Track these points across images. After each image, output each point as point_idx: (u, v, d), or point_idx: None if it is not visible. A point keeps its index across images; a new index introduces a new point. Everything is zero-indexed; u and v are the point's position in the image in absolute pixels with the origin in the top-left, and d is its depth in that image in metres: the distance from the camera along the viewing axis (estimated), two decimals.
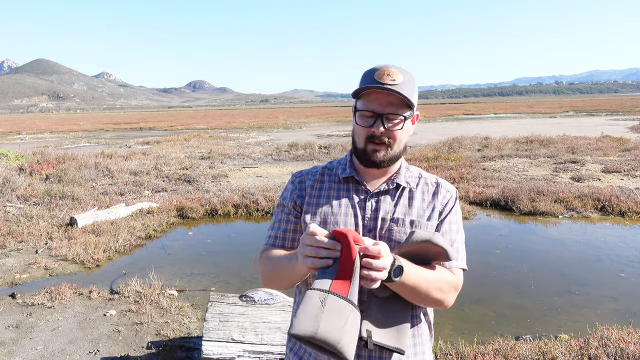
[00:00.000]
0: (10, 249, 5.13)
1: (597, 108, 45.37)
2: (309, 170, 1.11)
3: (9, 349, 2.96)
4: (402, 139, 0.99)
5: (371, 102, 0.94)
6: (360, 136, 0.98)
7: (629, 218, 5.98)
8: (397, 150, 0.99)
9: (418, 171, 1.09)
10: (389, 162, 0.99)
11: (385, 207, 0.99)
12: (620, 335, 2.69)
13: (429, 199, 1.02)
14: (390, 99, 0.93)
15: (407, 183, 1.03)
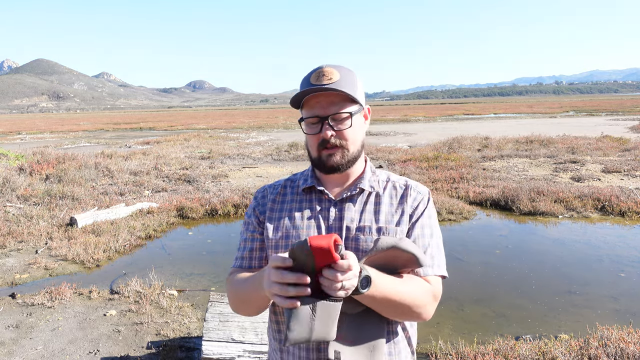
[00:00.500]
0: (10, 249, 5.13)
1: (597, 108, 45.38)
2: (272, 184, 1.06)
3: (9, 349, 2.96)
4: (355, 138, 0.93)
5: (313, 108, 0.91)
6: (312, 145, 0.94)
7: (629, 218, 5.98)
8: (354, 150, 0.94)
9: (386, 174, 1.02)
10: (348, 164, 0.94)
11: (350, 214, 0.93)
12: (620, 335, 2.69)
13: (397, 202, 0.95)
14: (330, 98, 0.89)
15: (372, 187, 0.97)
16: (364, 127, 0.98)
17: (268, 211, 0.99)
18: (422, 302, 0.86)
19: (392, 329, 0.90)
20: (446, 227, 5.98)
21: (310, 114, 0.91)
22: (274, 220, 0.98)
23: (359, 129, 0.94)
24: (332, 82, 0.87)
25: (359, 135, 0.95)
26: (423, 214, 0.95)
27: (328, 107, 0.89)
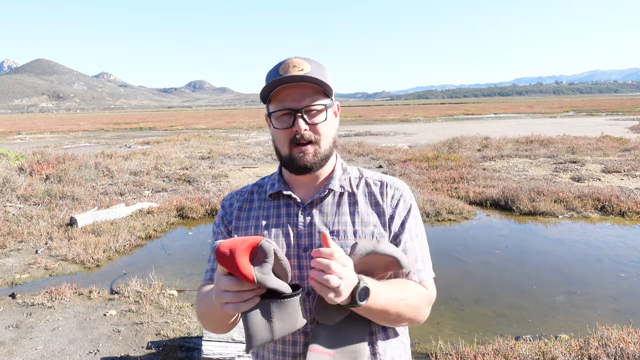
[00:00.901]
0: (10, 249, 5.13)
1: (597, 108, 45.38)
2: (239, 190, 0.98)
3: (9, 348, 2.96)
4: (328, 133, 0.86)
5: (284, 100, 0.83)
6: (282, 141, 0.85)
7: (629, 218, 5.98)
8: (327, 148, 0.86)
9: (358, 171, 0.94)
10: (321, 162, 0.86)
11: (322, 218, 0.86)
12: (620, 335, 2.69)
13: (374, 201, 0.88)
14: (303, 90, 0.82)
15: (342, 187, 0.89)
16: (335, 124, 0.91)
17: (234, 220, 0.92)
18: (418, 309, 0.82)
19: (374, 329, 0.84)
20: (446, 227, 5.98)
21: (281, 107, 0.83)
22: (241, 229, 0.91)
23: (332, 124, 0.88)
24: (304, 72, 0.81)
25: (332, 131, 0.88)
26: (409, 213, 0.88)
27: (301, 99, 0.82)
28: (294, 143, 0.84)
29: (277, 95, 0.84)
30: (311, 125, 0.83)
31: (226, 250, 0.61)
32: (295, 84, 0.82)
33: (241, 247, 0.61)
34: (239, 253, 0.61)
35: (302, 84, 0.82)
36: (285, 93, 0.83)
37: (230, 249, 0.61)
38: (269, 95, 0.85)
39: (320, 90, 0.84)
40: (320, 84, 0.82)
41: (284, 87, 0.83)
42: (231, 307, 0.66)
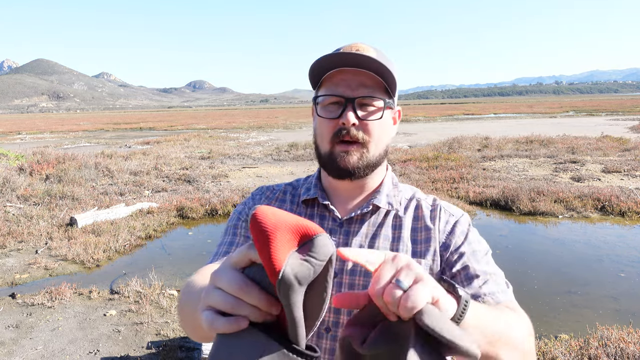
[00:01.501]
0: (10, 249, 5.13)
1: (597, 108, 45.37)
2: (271, 187, 0.85)
3: (9, 348, 2.96)
4: (381, 136, 0.72)
5: (337, 85, 0.70)
6: (325, 134, 0.72)
7: (629, 218, 5.98)
8: (376, 153, 0.72)
9: (412, 190, 0.80)
10: (366, 169, 0.72)
11: (359, 240, 0.72)
12: (620, 336, 2.69)
13: (423, 226, 0.74)
14: (361, 78, 0.69)
15: (390, 204, 0.75)
16: (392, 130, 0.77)
17: None
18: (524, 339, 0.59)
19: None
20: None
21: (332, 92, 0.70)
22: None
23: (386, 126, 0.74)
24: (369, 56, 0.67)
25: (385, 136, 0.74)
26: (466, 239, 0.72)
27: (357, 87, 0.69)
28: (338, 139, 0.70)
29: (330, 78, 0.71)
30: (362, 122, 0.70)
31: (270, 217, 0.37)
32: (352, 69, 0.69)
33: (290, 225, 0.37)
34: (284, 229, 0.37)
35: (361, 71, 0.69)
36: (340, 78, 0.70)
37: (276, 218, 0.37)
38: (320, 78, 0.72)
39: (381, 84, 0.71)
40: (383, 72, 0.68)
41: (340, 70, 0.70)
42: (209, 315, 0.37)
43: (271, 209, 0.39)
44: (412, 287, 0.40)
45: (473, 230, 0.75)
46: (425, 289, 0.40)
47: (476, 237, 0.74)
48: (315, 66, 0.69)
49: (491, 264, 0.71)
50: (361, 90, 0.69)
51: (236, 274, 0.37)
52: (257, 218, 0.38)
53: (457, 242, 0.72)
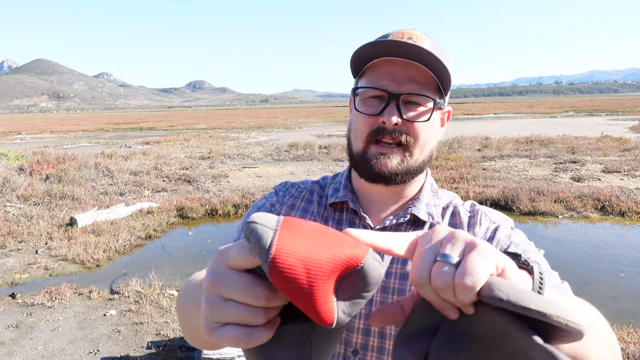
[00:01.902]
0: (10, 249, 5.13)
1: (597, 108, 45.40)
2: (296, 183, 0.76)
3: (9, 348, 2.96)
4: (426, 140, 0.63)
5: (381, 77, 0.60)
6: (360, 130, 0.63)
7: (629, 218, 5.98)
8: (420, 159, 0.63)
9: (449, 197, 0.70)
10: (405, 176, 0.63)
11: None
12: (620, 335, 2.70)
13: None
14: (411, 71, 0.59)
15: (430, 215, 0.66)
16: (439, 133, 0.67)
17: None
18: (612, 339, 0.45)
19: None
20: None
21: (374, 84, 0.61)
22: None
23: (435, 130, 0.65)
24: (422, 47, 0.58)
25: (432, 140, 0.65)
26: (512, 240, 0.63)
27: (404, 82, 0.60)
28: (375, 138, 0.61)
29: (375, 68, 0.61)
30: (406, 122, 0.60)
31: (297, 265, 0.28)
32: (401, 60, 0.59)
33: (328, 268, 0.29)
34: (323, 278, 0.28)
35: (411, 64, 0.59)
36: (386, 69, 0.60)
37: (305, 264, 0.28)
38: (362, 66, 0.63)
39: (433, 81, 0.60)
40: (437, 68, 0.58)
41: (387, 60, 0.60)
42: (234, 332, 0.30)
43: (290, 245, 0.28)
44: (466, 258, 0.29)
45: (518, 231, 0.65)
46: (484, 256, 0.29)
47: (523, 238, 0.64)
48: (358, 53, 0.60)
49: (542, 259, 0.61)
50: (409, 85, 0.60)
51: (247, 279, 0.30)
52: (282, 270, 0.27)
53: (501, 247, 0.62)
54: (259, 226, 0.28)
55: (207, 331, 0.31)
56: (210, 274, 0.31)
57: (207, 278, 0.31)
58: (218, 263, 0.31)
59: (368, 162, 0.62)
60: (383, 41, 0.58)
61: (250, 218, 0.29)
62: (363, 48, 0.59)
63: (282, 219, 0.30)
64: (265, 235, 0.28)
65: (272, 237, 0.28)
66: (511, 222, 0.68)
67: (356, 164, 0.65)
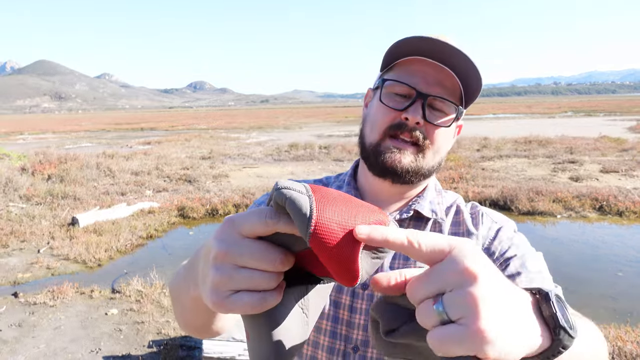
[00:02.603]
0: (12, 249, 5.17)
1: (595, 108, 45.35)
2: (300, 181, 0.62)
3: (12, 347, 2.99)
4: (441, 146, 0.64)
5: (412, 74, 0.60)
6: (378, 123, 0.62)
7: (626, 218, 6.00)
8: (431, 163, 0.64)
9: (454, 197, 0.71)
10: (415, 176, 0.63)
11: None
12: (618, 334, 2.72)
13: (465, 231, 0.65)
14: (442, 76, 0.60)
15: (434, 212, 0.66)
16: (451, 142, 0.68)
17: None
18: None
19: None
20: None
21: (405, 80, 0.61)
22: None
23: (449, 139, 0.66)
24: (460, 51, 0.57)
25: (445, 147, 0.66)
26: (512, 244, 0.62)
27: (434, 84, 0.60)
28: (393, 132, 0.61)
29: (407, 65, 0.61)
30: (427, 124, 0.61)
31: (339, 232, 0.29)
32: (434, 63, 0.59)
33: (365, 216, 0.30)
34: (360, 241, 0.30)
35: (442, 68, 0.59)
36: (419, 68, 0.60)
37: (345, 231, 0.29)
38: (395, 60, 0.63)
39: (459, 89, 0.62)
40: (468, 79, 0.59)
41: (420, 59, 0.60)
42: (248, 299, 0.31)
43: (328, 212, 0.29)
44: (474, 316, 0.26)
45: (519, 235, 0.65)
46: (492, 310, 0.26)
47: (524, 242, 0.64)
48: (395, 47, 0.60)
49: (539, 264, 0.62)
50: (437, 89, 0.60)
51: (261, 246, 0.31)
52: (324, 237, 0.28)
53: (502, 247, 0.62)
54: (294, 193, 0.29)
55: (217, 300, 0.31)
56: (220, 243, 0.31)
57: (216, 247, 0.31)
58: (227, 232, 0.31)
59: (381, 155, 0.62)
60: (424, 39, 0.57)
61: (278, 184, 0.30)
62: (403, 41, 0.59)
63: (308, 185, 0.31)
64: (304, 203, 0.28)
65: (310, 204, 0.28)
66: (513, 224, 0.68)
67: (367, 156, 0.64)
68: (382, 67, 0.65)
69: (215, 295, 0.32)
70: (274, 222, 0.30)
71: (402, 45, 0.59)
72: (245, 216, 0.31)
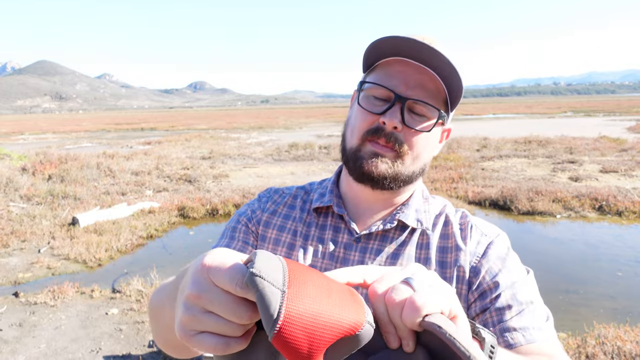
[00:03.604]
0: (13, 248, 5.18)
1: (594, 109, 45.34)
2: (280, 189, 0.73)
3: (13, 347, 3.00)
4: (421, 152, 0.61)
5: (392, 77, 0.58)
6: (357, 128, 0.61)
7: (626, 218, 6.01)
8: (411, 169, 0.61)
9: (441, 204, 0.68)
10: (393, 182, 0.60)
11: (379, 260, 0.61)
12: (617, 334, 2.72)
13: (454, 245, 0.61)
14: (423, 77, 0.58)
15: (419, 222, 0.63)
16: (436, 148, 0.65)
17: (262, 226, 0.67)
18: None
19: None
20: None
21: (383, 82, 0.59)
22: (268, 241, 0.66)
23: (432, 144, 0.63)
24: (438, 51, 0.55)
25: (427, 154, 0.62)
26: (503, 265, 0.59)
27: (414, 86, 0.57)
28: (371, 136, 0.59)
29: (387, 66, 0.59)
30: (406, 128, 0.58)
31: (302, 339, 0.29)
32: (416, 64, 0.57)
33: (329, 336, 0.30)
34: (323, 347, 0.30)
35: (424, 69, 0.57)
36: (399, 69, 0.58)
37: (309, 337, 0.29)
38: (375, 62, 0.61)
39: (443, 92, 0.59)
40: (451, 80, 0.56)
41: (401, 61, 0.58)
42: (213, 341, 0.32)
43: (297, 311, 0.28)
44: (426, 288, 0.32)
45: (512, 254, 0.61)
46: (443, 293, 0.32)
47: (515, 263, 0.60)
48: (374, 45, 0.57)
49: (530, 291, 0.58)
50: (418, 91, 0.57)
51: (231, 300, 0.31)
52: (286, 341, 0.28)
53: (491, 268, 0.59)
54: (266, 286, 0.28)
55: (184, 337, 0.32)
56: (193, 286, 0.32)
57: (189, 289, 0.32)
58: (202, 277, 0.32)
59: (359, 160, 0.60)
60: (403, 39, 0.55)
61: (255, 267, 0.29)
62: (379, 43, 0.57)
63: (287, 272, 0.30)
64: (274, 301, 0.28)
65: (280, 303, 0.28)
66: (505, 239, 0.64)
67: (347, 161, 0.63)
68: (364, 69, 0.64)
69: (181, 331, 0.32)
70: (243, 292, 0.30)
71: (381, 45, 0.57)
72: (219, 270, 0.31)
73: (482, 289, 0.58)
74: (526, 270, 0.61)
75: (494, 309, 0.56)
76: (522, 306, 0.56)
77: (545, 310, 0.58)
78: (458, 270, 0.59)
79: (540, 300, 0.58)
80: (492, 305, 0.56)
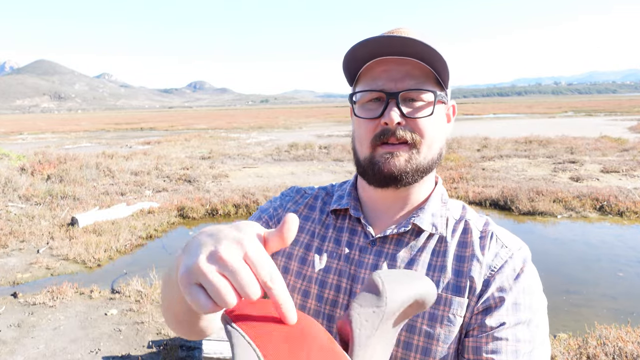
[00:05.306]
0: (12, 249, 5.16)
1: (595, 108, 45.38)
2: (302, 189, 0.74)
3: (11, 347, 2.98)
4: (433, 135, 0.59)
5: (376, 78, 0.58)
6: (364, 137, 0.60)
7: (627, 218, 6.00)
8: (428, 156, 0.60)
9: (462, 209, 0.66)
10: (415, 174, 0.59)
11: (393, 264, 0.60)
12: (618, 335, 2.71)
13: (470, 255, 0.59)
14: (407, 67, 0.57)
15: (434, 227, 0.61)
16: (446, 128, 0.64)
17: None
18: None
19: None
20: None
21: (370, 87, 0.59)
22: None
23: (440, 125, 0.61)
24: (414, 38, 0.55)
25: (439, 135, 0.61)
26: (516, 283, 0.56)
27: (401, 79, 0.57)
28: (380, 139, 0.58)
29: (369, 71, 0.59)
30: (409, 119, 0.58)
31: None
32: (395, 58, 0.57)
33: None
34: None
35: (406, 60, 0.57)
36: (381, 69, 0.58)
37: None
38: (357, 72, 0.61)
39: (431, 74, 0.58)
40: (432, 58, 0.56)
41: (381, 61, 0.58)
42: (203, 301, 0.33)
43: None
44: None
45: (529, 271, 0.58)
46: None
47: (528, 284, 0.57)
48: (349, 57, 0.58)
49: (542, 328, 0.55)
50: (406, 82, 0.57)
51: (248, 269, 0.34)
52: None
53: (502, 283, 0.56)
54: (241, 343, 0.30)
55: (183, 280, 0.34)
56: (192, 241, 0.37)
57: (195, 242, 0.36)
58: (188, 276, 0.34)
59: (376, 165, 0.59)
60: (371, 40, 0.55)
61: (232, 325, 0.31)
62: (353, 51, 0.57)
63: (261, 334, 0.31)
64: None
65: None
66: (526, 253, 0.61)
67: (364, 171, 0.62)
68: (350, 82, 0.63)
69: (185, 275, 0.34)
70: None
71: (357, 53, 0.57)
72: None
73: (488, 303, 0.55)
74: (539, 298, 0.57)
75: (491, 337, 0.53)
76: (519, 344, 0.52)
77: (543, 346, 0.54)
78: (471, 281, 0.57)
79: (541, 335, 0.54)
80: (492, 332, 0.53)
